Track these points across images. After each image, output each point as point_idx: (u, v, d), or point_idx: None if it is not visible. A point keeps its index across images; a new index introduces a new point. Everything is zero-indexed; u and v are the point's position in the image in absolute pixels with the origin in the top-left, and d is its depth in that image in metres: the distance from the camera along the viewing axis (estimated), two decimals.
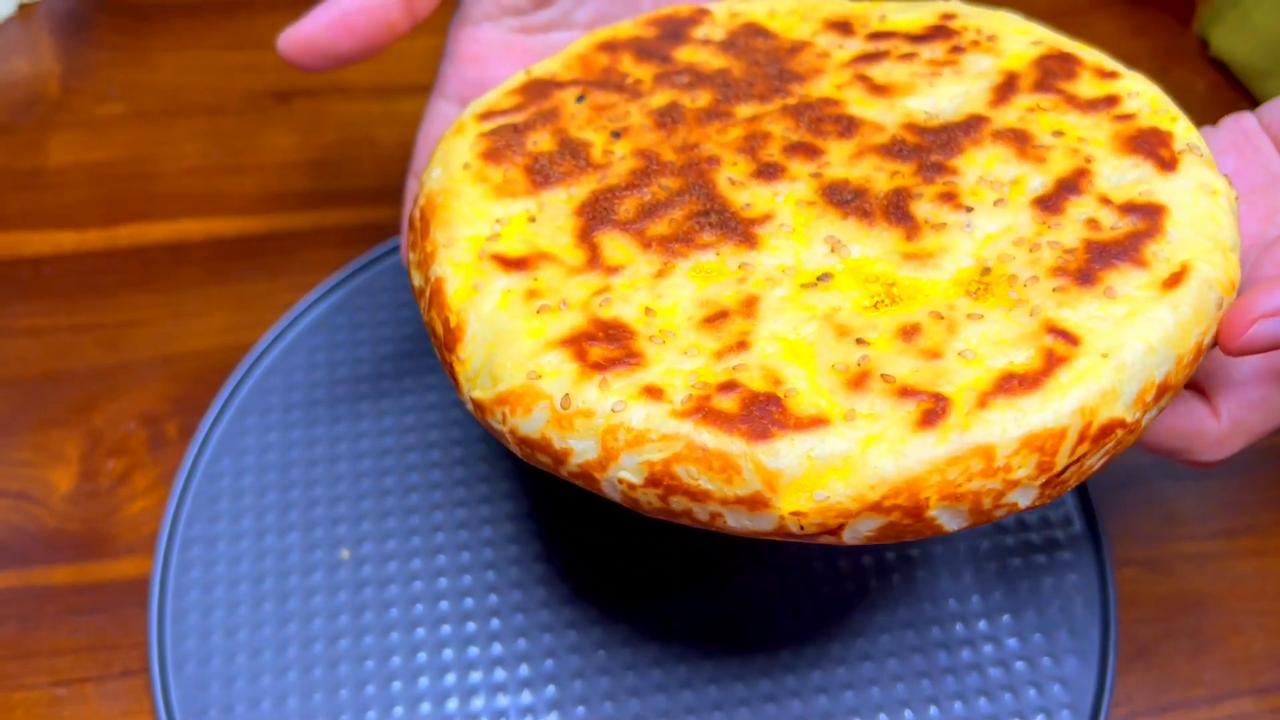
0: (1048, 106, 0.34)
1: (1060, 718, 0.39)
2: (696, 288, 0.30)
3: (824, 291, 0.30)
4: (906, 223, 0.31)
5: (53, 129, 0.57)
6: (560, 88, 0.36)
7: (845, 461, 0.26)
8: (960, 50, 0.36)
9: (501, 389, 0.29)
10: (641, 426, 0.27)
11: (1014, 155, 0.33)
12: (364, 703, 0.39)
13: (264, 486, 0.44)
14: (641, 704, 0.39)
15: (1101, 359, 0.27)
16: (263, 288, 0.51)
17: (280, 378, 0.47)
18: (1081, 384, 0.26)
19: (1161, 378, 0.28)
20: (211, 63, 0.60)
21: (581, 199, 0.33)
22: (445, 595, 0.41)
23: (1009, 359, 0.27)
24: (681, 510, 0.27)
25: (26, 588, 0.42)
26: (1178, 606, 0.42)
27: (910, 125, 0.34)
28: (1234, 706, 0.40)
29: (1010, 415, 0.26)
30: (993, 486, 0.26)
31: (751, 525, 0.27)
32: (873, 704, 0.39)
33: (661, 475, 0.27)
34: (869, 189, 0.32)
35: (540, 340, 0.29)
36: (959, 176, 0.32)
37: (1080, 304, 0.28)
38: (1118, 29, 0.61)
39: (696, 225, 0.32)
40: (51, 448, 0.46)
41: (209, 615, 0.41)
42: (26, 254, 0.52)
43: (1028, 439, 0.26)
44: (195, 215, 0.53)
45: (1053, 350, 0.27)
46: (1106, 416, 0.27)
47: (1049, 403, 0.26)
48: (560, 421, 0.28)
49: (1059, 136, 0.33)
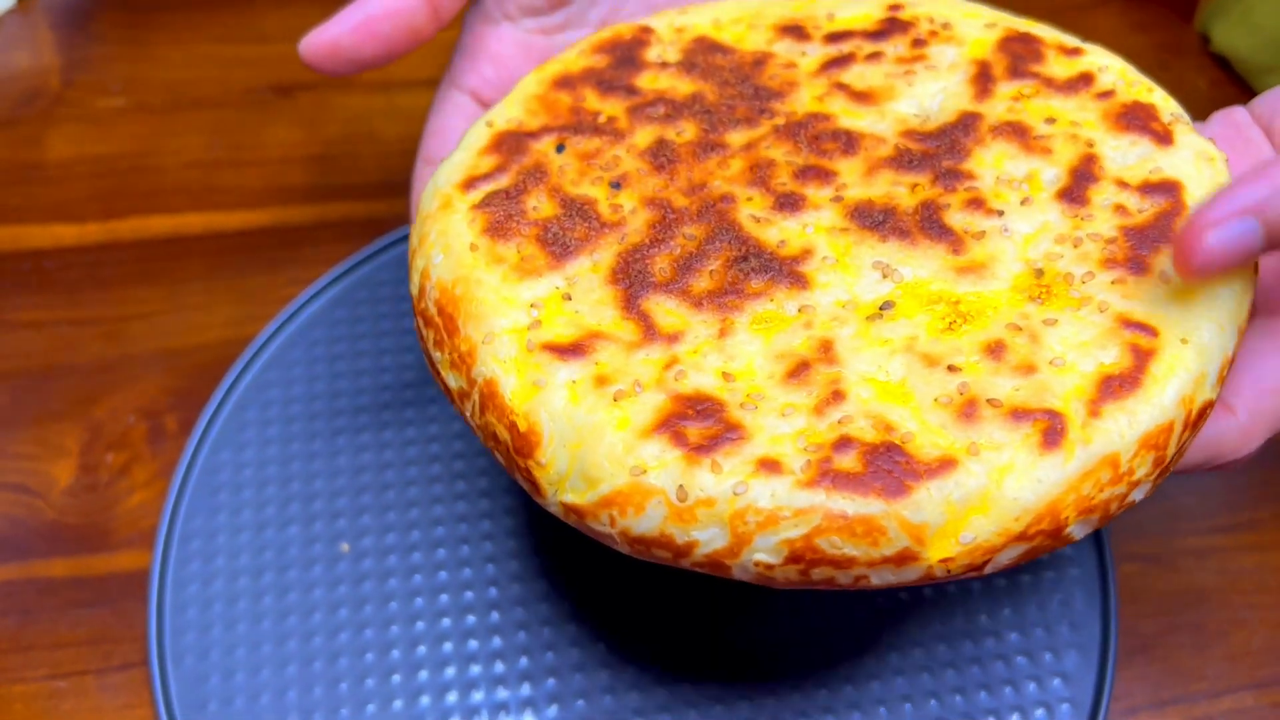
0: (1030, 93, 0.34)
1: (1060, 712, 0.39)
2: (764, 341, 0.29)
3: (891, 321, 0.29)
4: (947, 237, 0.31)
5: (53, 122, 0.57)
6: (534, 138, 0.35)
7: (983, 499, 0.26)
8: (922, 43, 0.36)
9: (605, 490, 0.27)
10: (771, 506, 0.26)
11: (1020, 150, 0.33)
12: (364, 696, 0.39)
13: (263, 480, 0.44)
14: (642, 697, 0.39)
15: (1182, 345, 0.28)
16: (263, 282, 0.51)
17: (280, 372, 0.47)
18: (1175, 375, 0.27)
19: (1231, 351, 0.29)
20: (213, 56, 0.60)
21: (610, 265, 0.31)
22: (445, 589, 0.41)
23: (1098, 360, 0.28)
24: (823, 579, 0.27)
25: (26, 580, 0.42)
26: (1179, 601, 0.42)
27: (908, 132, 0.34)
28: (1234, 701, 0.40)
29: (1124, 420, 0.27)
30: (1119, 491, 0.27)
31: (896, 579, 0.27)
32: (873, 698, 0.39)
33: (803, 551, 0.26)
34: (896, 206, 0.32)
35: (630, 431, 0.27)
36: (977, 181, 0.32)
37: (1142, 293, 0.29)
38: (1119, 25, 0.61)
39: (740, 274, 0.31)
40: (51, 441, 0.46)
41: (208, 608, 0.41)
42: (27, 247, 0.52)
43: (1144, 439, 0.27)
44: (196, 209, 0.53)
45: (1136, 345, 0.28)
46: (1202, 401, 0.28)
47: (1153, 399, 0.27)
48: (680, 515, 0.26)
49: (1052, 124, 0.33)
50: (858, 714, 0.39)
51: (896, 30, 0.37)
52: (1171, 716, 0.39)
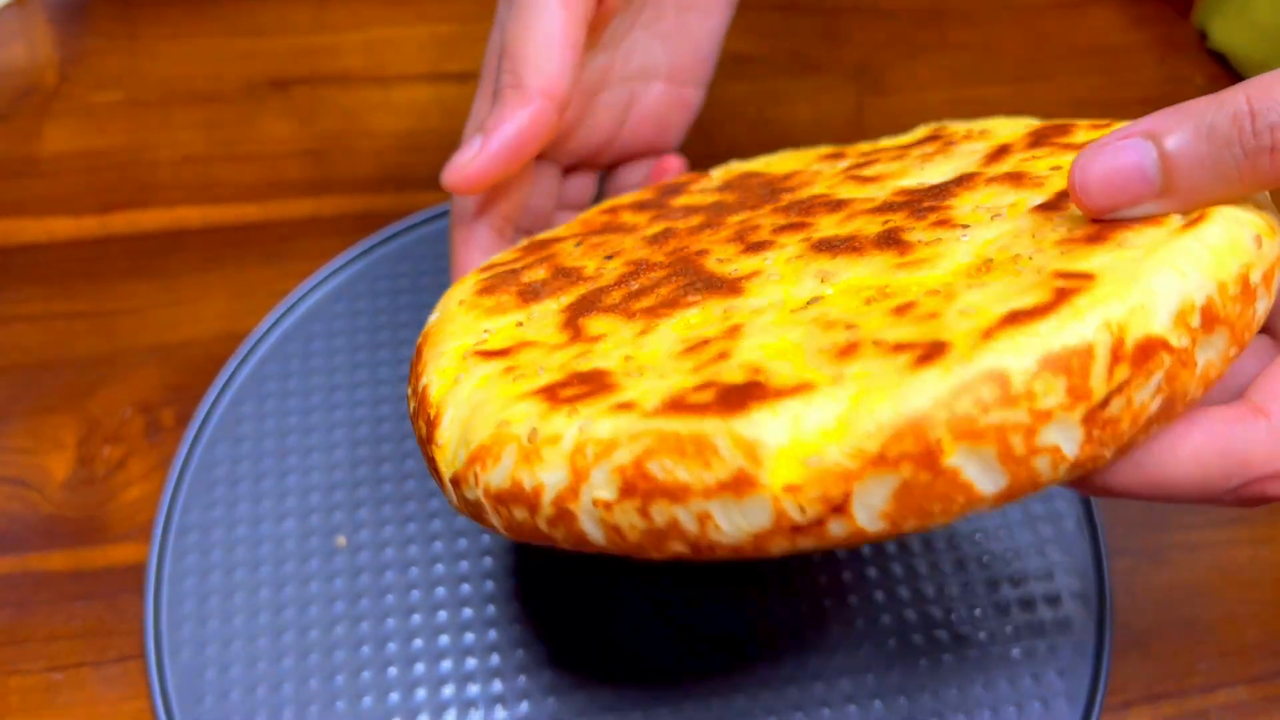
0: (1043, 155, 0.31)
1: (1056, 705, 0.39)
2: (679, 335, 0.28)
3: (814, 309, 0.27)
4: (898, 246, 0.28)
5: (49, 116, 0.57)
6: (560, 240, 0.37)
7: (839, 422, 0.22)
8: (952, 144, 0.35)
9: (473, 448, 0.27)
10: (609, 435, 0.24)
11: (1010, 188, 0.30)
12: (360, 688, 0.39)
13: (260, 473, 0.44)
14: (642, 691, 0.39)
15: (1121, 283, 0.23)
16: (259, 275, 0.51)
17: (277, 365, 0.47)
18: (1103, 304, 0.23)
19: (1203, 301, 0.23)
20: (208, 50, 0.60)
21: (570, 301, 0.32)
22: (441, 581, 0.42)
23: (1012, 306, 0.23)
24: (667, 524, 0.24)
25: (23, 574, 0.42)
26: (1173, 596, 0.42)
27: (900, 191, 0.32)
28: (1228, 695, 0.40)
29: (1019, 338, 0.22)
30: (1019, 419, 0.22)
31: (746, 523, 0.23)
32: (867, 690, 0.39)
33: (635, 479, 0.24)
34: (859, 234, 0.30)
35: (510, 396, 0.27)
36: (953, 210, 0.30)
37: (1093, 256, 0.25)
38: (1116, 20, 0.61)
39: (682, 293, 0.30)
40: (48, 434, 0.46)
41: (205, 601, 0.41)
42: (22, 241, 0.52)
43: (1047, 359, 0.22)
44: (192, 203, 0.53)
45: (1064, 288, 0.23)
46: (1142, 333, 0.22)
47: (1065, 321, 0.22)
48: (527, 456, 0.25)
49: (1057, 170, 0.30)
50: (853, 707, 0.39)
51: (931, 140, 0.36)
52: (1165, 710, 0.39)
